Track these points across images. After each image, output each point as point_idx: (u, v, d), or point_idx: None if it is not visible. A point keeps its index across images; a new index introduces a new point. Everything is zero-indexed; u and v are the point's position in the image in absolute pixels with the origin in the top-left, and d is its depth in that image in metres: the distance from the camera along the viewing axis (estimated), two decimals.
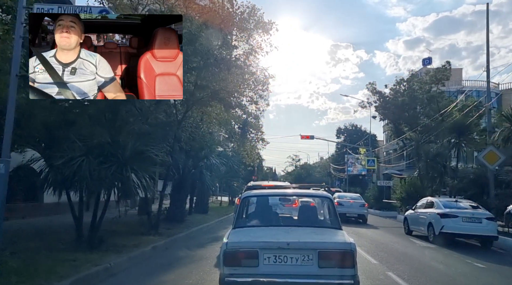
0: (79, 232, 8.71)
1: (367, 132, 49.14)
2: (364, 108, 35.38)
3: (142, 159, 8.46)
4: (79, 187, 8.30)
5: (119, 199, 8.93)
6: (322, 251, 4.34)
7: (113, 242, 8.70)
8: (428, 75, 30.12)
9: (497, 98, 30.76)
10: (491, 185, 16.35)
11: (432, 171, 21.78)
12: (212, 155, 17.23)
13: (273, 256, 4.35)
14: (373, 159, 37.94)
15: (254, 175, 44.19)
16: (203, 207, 20.64)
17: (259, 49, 14.43)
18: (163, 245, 9.87)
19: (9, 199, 9.34)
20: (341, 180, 55.68)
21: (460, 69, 51.15)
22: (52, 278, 5.69)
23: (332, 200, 5.70)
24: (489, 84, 18.36)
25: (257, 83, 16.22)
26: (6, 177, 6.38)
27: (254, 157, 31.08)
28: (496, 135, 17.54)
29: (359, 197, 22.92)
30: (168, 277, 6.84)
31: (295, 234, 4.85)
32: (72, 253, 7.34)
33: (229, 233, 4.95)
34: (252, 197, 5.97)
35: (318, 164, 79.46)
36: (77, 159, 7.59)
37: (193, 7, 12.46)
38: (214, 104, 13.82)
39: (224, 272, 4.37)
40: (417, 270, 7.75)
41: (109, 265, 6.89)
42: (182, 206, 15.48)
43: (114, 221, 11.23)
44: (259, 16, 14.05)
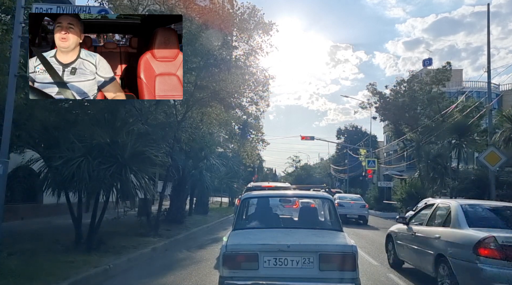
0: (78, 233, 8.67)
1: (368, 133, 49.15)
2: (365, 109, 35.38)
3: (141, 160, 8.42)
4: (78, 187, 8.25)
5: (118, 200, 8.86)
6: (323, 254, 4.29)
7: (112, 243, 8.66)
8: (429, 76, 30.07)
9: (498, 99, 30.69)
10: (492, 186, 16.27)
11: (433, 172, 21.74)
12: (212, 155, 17.18)
13: (273, 259, 4.30)
14: (373, 160, 37.88)
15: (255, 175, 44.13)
16: (203, 208, 20.59)
17: (259, 49, 14.38)
18: (163, 246, 9.83)
19: (8, 199, 9.32)
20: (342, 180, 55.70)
21: (461, 70, 51.12)
22: (51, 279, 5.66)
23: (333, 201, 5.67)
24: (490, 85, 18.30)
25: (257, 84, 16.18)
26: (4, 177, 6.34)
27: (254, 157, 31.05)
28: (497, 136, 17.52)
29: (359, 198, 22.89)
30: (168, 279, 6.79)
31: (296, 236, 4.81)
32: (71, 254, 7.30)
33: (229, 235, 4.90)
34: (252, 198, 5.94)
35: (318, 165, 79.47)
36: (76, 160, 7.56)
37: (193, 8, 12.41)
38: (214, 105, 13.77)
39: (224, 275, 4.32)
40: (418, 271, 7.68)
41: (108, 266, 6.85)
42: (182, 207, 15.43)
43: (114, 222, 11.18)
44: (259, 17, 14.00)
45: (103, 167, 7.72)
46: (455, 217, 6.28)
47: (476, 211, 6.46)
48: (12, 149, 8.30)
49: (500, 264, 5.09)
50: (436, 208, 7.23)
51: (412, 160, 31.05)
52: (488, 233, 5.36)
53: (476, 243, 5.31)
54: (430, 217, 7.22)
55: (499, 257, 5.11)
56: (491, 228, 5.76)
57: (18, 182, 11.84)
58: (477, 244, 5.29)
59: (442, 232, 6.38)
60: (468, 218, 6.10)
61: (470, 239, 5.50)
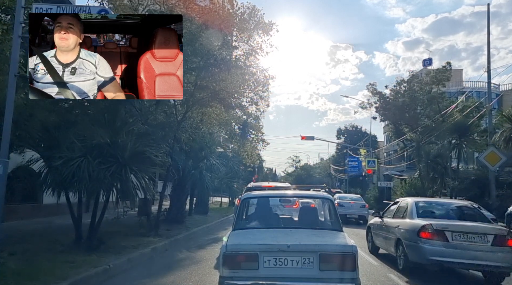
0: (78, 233, 8.67)
1: (368, 133, 49.18)
2: (365, 109, 35.43)
3: (141, 160, 8.42)
4: (78, 187, 8.24)
5: (118, 200, 8.86)
6: (323, 254, 4.29)
7: (112, 243, 8.65)
8: (429, 76, 30.09)
9: (498, 99, 30.70)
10: (492, 186, 16.31)
11: (433, 172, 21.76)
12: (212, 155, 17.17)
13: (273, 259, 4.30)
14: (373, 160, 37.89)
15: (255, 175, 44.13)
16: (203, 208, 20.58)
17: (259, 49, 14.35)
18: (163, 246, 9.82)
19: (8, 199, 9.31)
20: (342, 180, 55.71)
21: (461, 70, 51.13)
22: (51, 279, 5.65)
23: (333, 201, 5.68)
24: (489, 85, 18.31)
25: (257, 84, 16.15)
26: (4, 177, 6.35)
27: (254, 157, 31.01)
28: (497, 136, 17.53)
29: (359, 198, 22.87)
30: (168, 279, 6.79)
31: (296, 236, 4.81)
32: (71, 254, 7.30)
33: (229, 235, 4.90)
34: (252, 198, 5.94)
35: (318, 165, 79.47)
36: (76, 160, 7.55)
37: (193, 8, 12.40)
38: (214, 105, 13.75)
39: (224, 275, 4.32)
40: (418, 272, 7.68)
41: (108, 266, 6.84)
42: (182, 207, 15.42)
43: (114, 222, 11.16)
44: (259, 17, 13.98)
45: (103, 167, 7.71)
46: (409, 211, 8.26)
47: (425, 206, 8.46)
48: (12, 149, 8.31)
49: (434, 243, 7.03)
50: (400, 204, 9.16)
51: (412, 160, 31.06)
52: (428, 221, 7.34)
53: (419, 229, 7.27)
54: (395, 211, 9.08)
55: (434, 238, 7.05)
56: (433, 218, 7.76)
57: (18, 182, 11.85)
58: (419, 229, 7.25)
59: (400, 222, 8.27)
60: (418, 211, 8.10)
61: (416, 226, 7.45)
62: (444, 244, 6.95)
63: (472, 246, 6.89)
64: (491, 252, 6.85)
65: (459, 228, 7.13)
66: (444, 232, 7.04)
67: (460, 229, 7.09)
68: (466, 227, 7.18)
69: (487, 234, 6.99)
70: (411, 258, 7.40)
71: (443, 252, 6.90)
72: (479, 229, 7.11)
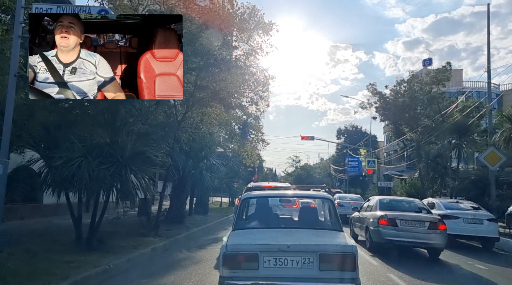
0: (78, 233, 8.67)
1: (368, 133, 49.18)
2: (365, 109, 35.36)
3: (141, 160, 8.41)
4: (78, 187, 8.25)
5: (118, 200, 8.86)
6: (323, 254, 4.29)
7: (112, 244, 8.65)
8: (429, 76, 30.04)
9: (498, 99, 30.69)
10: (492, 186, 16.29)
11: (433, 172, 21.75)
12: (212, 155, 17.15)
13: (273, 259, 4.29)
14: (373, 160, 37.88)
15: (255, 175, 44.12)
16: (203, 208, 20.58)
17: (259, 49, 14.38)
18: (163, 246, 9.82)
19: (8, 199, 9.32)
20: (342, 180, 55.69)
21: (461, 70, 51.12)
22: (51, 279, 5.65)
23: (333, 201, 5.67)
24: (490, 85, 18.30)
25: (257, 84, 16.18)
26: (4, 177, 6.36)
27: (254, 157, 31.02)
28: (497, 136, 17.51)
29: (359, 198, 22.90)
30: (168, 279, 6.79)
31: (296, 236, 4.80)
32: (71, 254, 7.29)
33: (229, 235, 4.90)
34: (252, 198, 5.93)
35: (318, 165, 79.45)
36: (76, 160, 7.55)
37: (193, 8, 12.42)
38: (214, 105, 13.77)
39: (224, 275, 4.32)
40: (418, 272, 7.69)
41: (108, 266, 6.84)
42: (182, 207, 15.42)
43: (114, 222, 11.16)
44: (259, 17, 14.00)
45: (103, 167, 7.71)
46: (375, 206, 11.09)
47: (387, 202, 11.23)
48: (12, 149, 8.30)
49: (388, 228, 9.59)
50: (370, 201, 12.01)
51: (412, 160, 31.08)
52: (385, 212, 10.04)
53: (378, 218, 9.91)
54: (367, 206, 11.84)
55: (388, 224, 9.64)
56: (391, 211, 10.32)
57: (18, 182, 11.84)
58: (379, 218, 9.88)
59: (369, 214, 10.85)
60: (381, 206, 10.86)
61: (377, 216, 10.07)
62: (395, 228, 9.54)
63: (414, 229, 9.49)
64: (427, 234, 9.40)
65: (406, 217, 9.75)
66: (395, 220, 9.65)
67: (406, 217, 9.74)
68: (410, 216, 9.83)
69: (425, 221, 9.63)
70: (373, 239, 10.01)
71: (394, 234, 9.49)
72: (419, 217, 9.80)
